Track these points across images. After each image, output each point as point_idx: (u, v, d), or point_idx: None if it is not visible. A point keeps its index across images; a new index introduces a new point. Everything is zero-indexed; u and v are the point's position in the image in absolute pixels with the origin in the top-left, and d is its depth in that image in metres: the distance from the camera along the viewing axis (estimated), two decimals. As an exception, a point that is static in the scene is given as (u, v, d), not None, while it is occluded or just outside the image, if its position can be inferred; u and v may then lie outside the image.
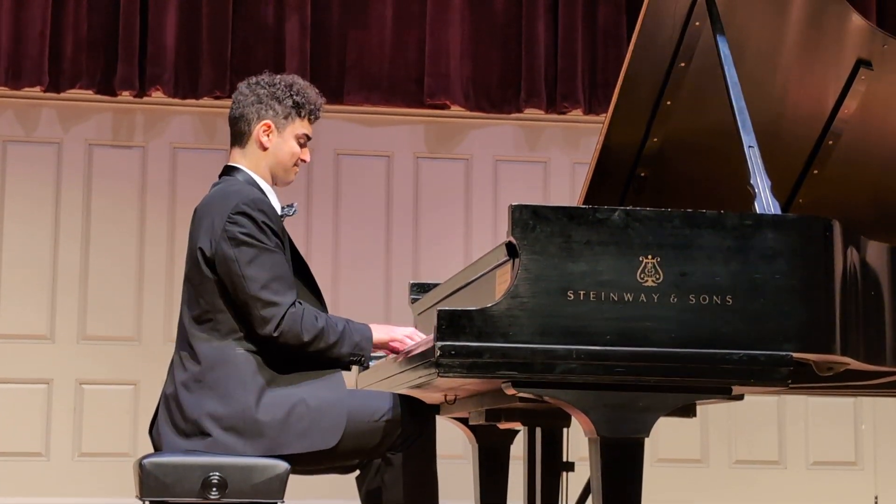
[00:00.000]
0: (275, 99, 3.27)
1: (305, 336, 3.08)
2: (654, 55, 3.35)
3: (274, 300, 3.07)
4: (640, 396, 2.63)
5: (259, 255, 3.09)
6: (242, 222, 3.10)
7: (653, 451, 6.08)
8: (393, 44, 6.13)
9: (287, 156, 3.29)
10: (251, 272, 3.07)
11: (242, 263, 3.08)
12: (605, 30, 6.22)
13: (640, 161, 3.55)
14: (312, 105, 3.31)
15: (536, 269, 2.60)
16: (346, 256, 6.14)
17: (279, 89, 3.28)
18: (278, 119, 3.27)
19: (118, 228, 6.00)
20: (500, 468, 3.75)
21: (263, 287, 3.07)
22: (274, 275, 3.09)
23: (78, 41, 5.89)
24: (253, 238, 3.09)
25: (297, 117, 3.29)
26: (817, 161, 3.63)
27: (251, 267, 3.08)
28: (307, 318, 3.09)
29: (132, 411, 5.90)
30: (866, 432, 6.33)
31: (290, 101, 3.27)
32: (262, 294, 3.06)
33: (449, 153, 6.28)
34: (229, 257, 3.09)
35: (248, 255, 3.08)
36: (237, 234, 3.09)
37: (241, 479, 2.98)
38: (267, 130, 3.27)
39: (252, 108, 3.26)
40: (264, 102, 3.26)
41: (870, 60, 3.49)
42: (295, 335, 3.07)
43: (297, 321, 3.07)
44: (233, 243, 3.09)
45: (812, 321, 2.67)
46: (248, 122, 3.27)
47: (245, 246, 3.09)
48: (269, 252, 3.10)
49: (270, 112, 3.26)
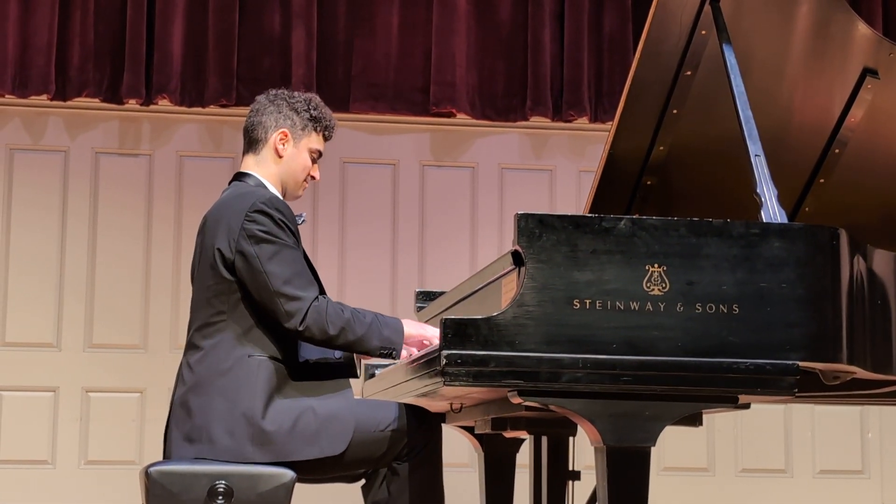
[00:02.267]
0: (293, 110, 3.31)
1: (331, 329, 3.08)
2: (660, 63, 3.35)
3: (297, 294, 3.08)
4: (647, 405, 2.63)
5: (280, 252, 3.10)
6: (261, 220, 3.11)
7: (659, 460, 6.07)
8: (399, 53, 6.14)
9: (300, 167, 3.32)
10: (272, 268, 3.09)
11: (264, 260, 3.09)
12: (610, 38, 6.22)
13: (646, 169, 3.55)
14: (328, 122, 3.36)
15: (542, 277, 2.60)
16: (352, 263, 6.15)
17: (298, 102, 3.33)
18: (295, 129, 3.30)
19: (125, 236, 6.00)
20: (506, 477, 3.75)
21: (286, 282, 3.08)
22: (295, 270, 3.11)
23: (85, 50, 5.90)
24: (272, 235, 3.11)
25: (314, 131, 3.33)
26: (823, 170, 3.63)
27: (272, 263, 3.09)
28: (332, 310, 3.10)
29: (138, 419, 5.90)
30: (873, 441, 6.31)
31: (307, 114, 3.32)
32: (285, 289, 3.07)
33: (454, 161, 6.28)
34: (250, 254, 3.10)
35: (268, 251, 3.10)
36: (256, 231, 3.11)
37: (247, 487, 2.98)
38: (283, 139, 3.30)
39: (271, 116, 3.30)
40: (283, 112, 3.31)
41: (876, 69, 3.49)
42: (321, 329, 3.07)
43: (322, 314, 3.08)
44: (253, 241, 3.10)
45: (819, 330, 2.66)
46: (265, 129, 3.30)
47: (265, 243, 3.10)
48: (289, 248, 3.12)
49: (288, 122, 3.30)
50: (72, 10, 5.91)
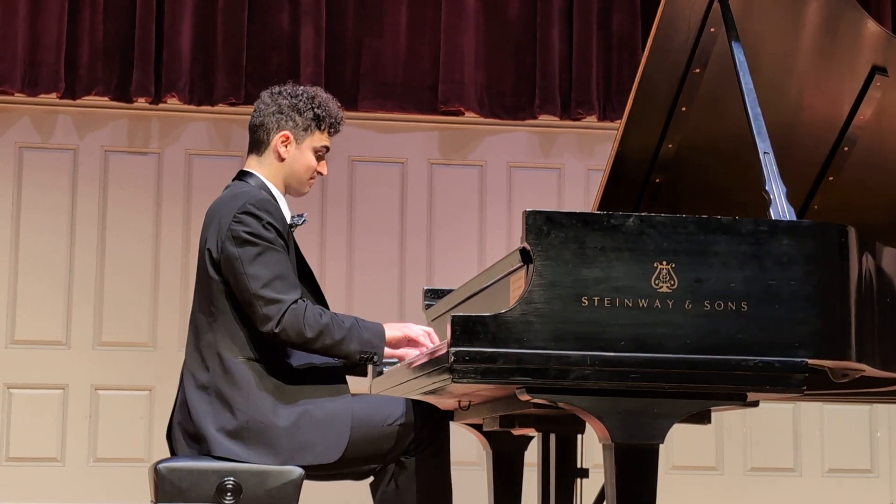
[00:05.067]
0: (296, 110, 3.27)
1: (308, 332, 3.06)
2: (668, 61, 3.35)
3: (275, 297, 3.05)
4: (655, 403, 2.63)
5: (262, 254, 3.09)
6: (247, 221, 3.10)
7: (667, 459, 6.07)
8: (407, 51, 6.14)
9: (303, 168, 3.30)
10: (253, 270, 3.07)
11: (245, 261, 3.08)
12: (619, 36, 6.22)
13: (654, 167, 3.55)
14: (333, 118, 3.32)
15: (551, 274, 2.60)
16: (360, 262, 6.15)
17: (301, 101, 3.29)
18: (298, 131, 3.28)
19: (133, 235, 6.01)
20: (515, 474, 3.75)
21: (265, 285, 3.06)
22: (276, 273, 3.08)
23: (94, 48, 5.91)
24: (257, 237, 3.09)
25: (317, 130, 3.30)
26: (832, 167, 3.62)
27: (254, 265, 3.08)
28: (310, 314, 3.07)
29: (147, 417, 5.91)
30: (882, 440, 6.30)
31: (310, 113, 3.28)
32: (263, 292, 3.06)
33: (463, 159, 6.28)
34: (233, 256, 3.09)
35: (251, 253, 3.09)
36: (241, 232, 3.10)
37: (255, 484, 2.98)
38: (285, 141, 3.27)
39: (273, 117, 3.27)
40: (285, 113, 3.27)
41: (885, 67, 3.48)
42: (297, 331, 3.05)
43: (300, 317, 3.05)
44: (237, 242, 3.09)
45: (827, 328, 2.66)
46: (267, 131, 3.28)
47: (249, 245, 3.09)
48: (273, 251, 3.10)
49: (290, 123, 3.27)
50: (81, 9, 5.92)
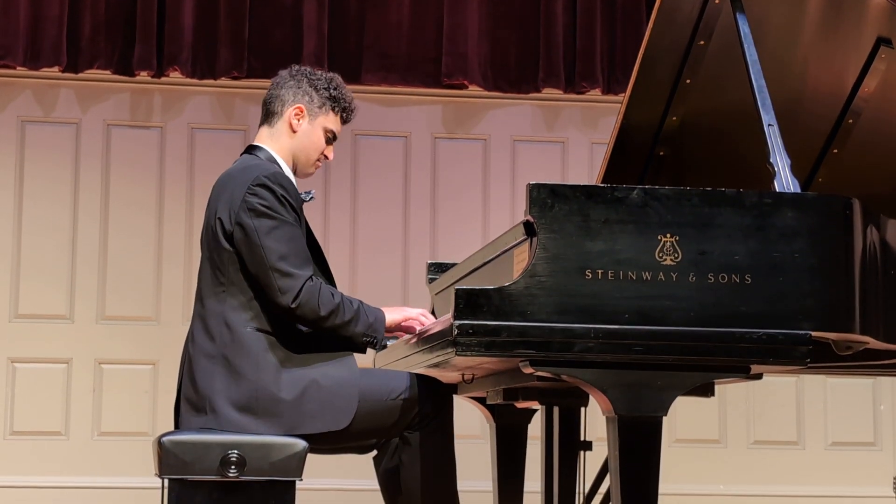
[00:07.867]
0: (313, 87, 3.31)
1: (322, 310, 3.08)
2: (673, 33, 3.33)
3: (292, 272, 3.08)
4: (659, 375, 2.63)
5: (278, 227, 3.10)
6: (262, 194, 3.11)
7: (671, 432, 6.08)
8: (410, 24, 6.11)
9: (312, 145, 3.31)
10: (269, 243, 3.09)
11: (262, 234, 3.09)
12: (623, 8, 6.19)
13: (658, 140, 3.54)
14: (347, 104, 3.35)
15: (554, 247, 2.59)
16: (364, 236, 6.14)
17: (319, 80, 3.33)
18: (312, 106, 3.30)
19: (137, 208, 6.01)
20: (518, 448, 3.76)
21: (281, 258, 3.08)
22: (292, 248, 3.10)
23: (96, 21, 5.89)
24: (272, 210, 3.11)
25: (331, 111, 3.33)
26: (837, 140, 3.61)
27: (269, 238, 3.09)
28: (324, 293, 3.10)
29: (151, 391, 5.92)
30: (885, 413, 6.31)
31: (327, 93, 3.32)
32: (280, 265, 3.07)
33: (467, 133, 6.27)
34: (248, 227, 3.10)
35: (266, 226, 3.10)
36: (257, 205, 3.10)
37: (259, 457, 2.99)
38: (299, 114, 3.29)
39: (290, 90, 3.30)
40: (303, 88, 3.31)
41: (890, 39, 3.47)
42: (312, 309, 3.07)
43: (315, 295, 3.08)
44: (252, 214, 3.10)
45: (831, 300, 2.66)
46: (282, 102, 3.30)
47: (264, 217, 3.10)
48: (288, 225, 3.12)
49: (306, 98, 3.30)
50: (83, -19, 5.90)
